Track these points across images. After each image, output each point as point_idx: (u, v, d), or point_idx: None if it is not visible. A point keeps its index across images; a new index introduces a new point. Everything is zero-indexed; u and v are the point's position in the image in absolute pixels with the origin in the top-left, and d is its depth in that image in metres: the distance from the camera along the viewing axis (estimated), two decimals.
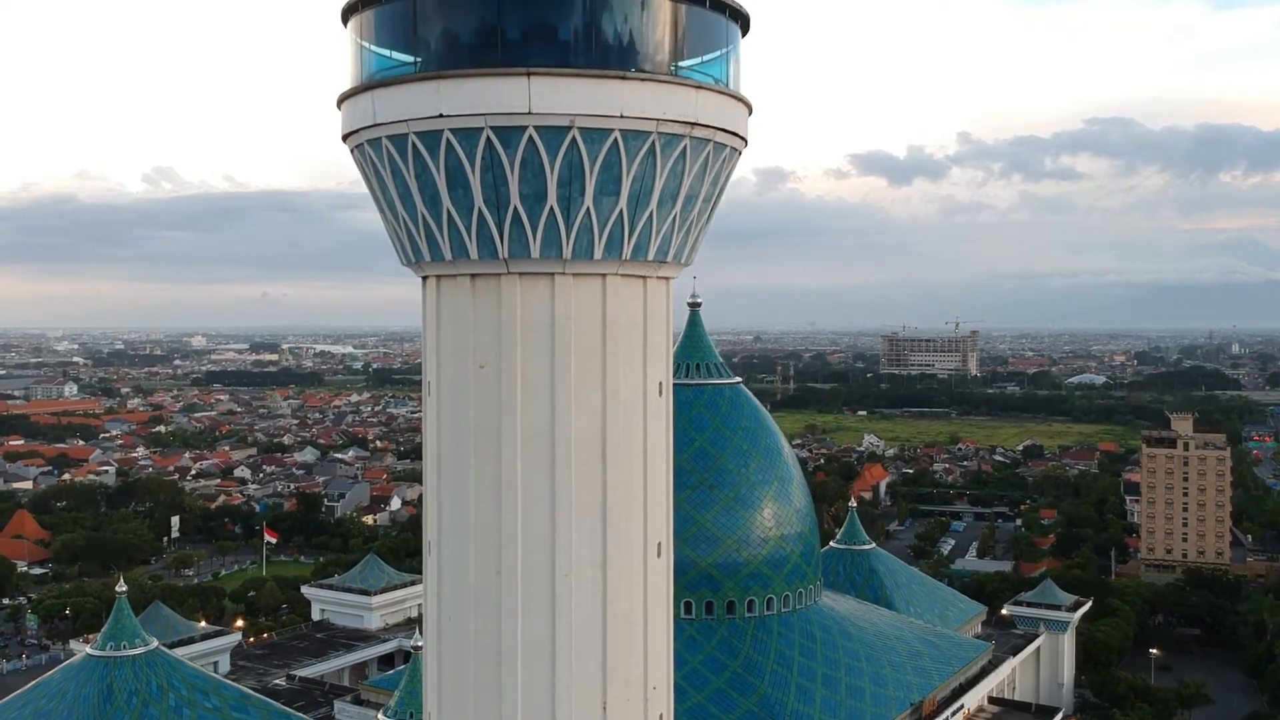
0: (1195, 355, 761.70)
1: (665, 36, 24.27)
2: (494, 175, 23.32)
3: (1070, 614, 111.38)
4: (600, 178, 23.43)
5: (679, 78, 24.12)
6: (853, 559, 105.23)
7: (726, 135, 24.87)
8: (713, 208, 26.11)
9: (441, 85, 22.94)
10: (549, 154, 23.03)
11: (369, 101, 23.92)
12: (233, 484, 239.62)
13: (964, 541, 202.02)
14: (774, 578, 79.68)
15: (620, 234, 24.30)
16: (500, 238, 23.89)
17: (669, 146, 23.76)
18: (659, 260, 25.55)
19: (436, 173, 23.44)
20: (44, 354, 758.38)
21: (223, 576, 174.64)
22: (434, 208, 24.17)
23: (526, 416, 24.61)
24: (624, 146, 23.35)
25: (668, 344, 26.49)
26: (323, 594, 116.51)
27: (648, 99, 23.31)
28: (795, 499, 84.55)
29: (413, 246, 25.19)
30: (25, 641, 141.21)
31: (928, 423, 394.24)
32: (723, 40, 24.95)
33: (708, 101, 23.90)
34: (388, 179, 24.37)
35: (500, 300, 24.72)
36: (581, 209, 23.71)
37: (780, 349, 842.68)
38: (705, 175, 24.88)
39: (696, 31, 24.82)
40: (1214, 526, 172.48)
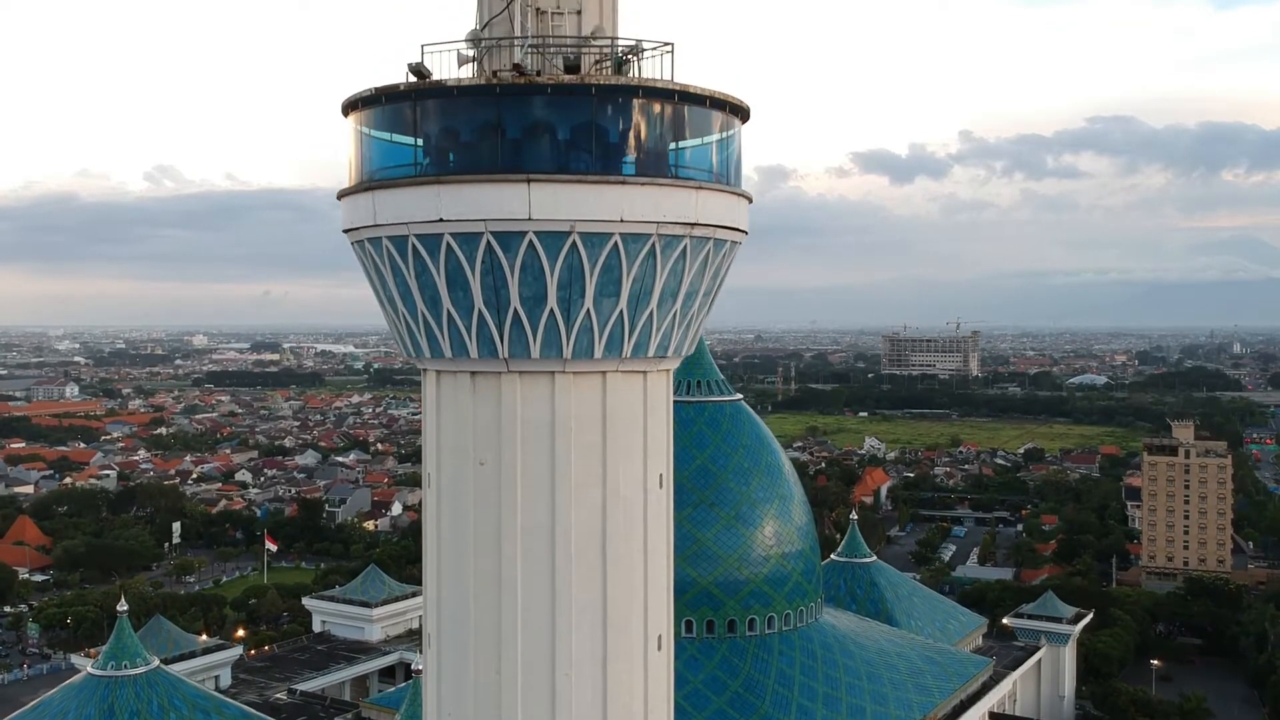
0: (1196, 355, 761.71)
1: (666, 132, 24.19)
2: (494, 278, 23.40)
3: (1071, 626, 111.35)
4: (600, 280, 23.50)
5: (679, 179, 24.09)
6: (854, 572, 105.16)
7: (727, 231, 24.89)
8: (713, 300, 26.12)
9: (441, 190, 22.99)
10: (549, 258, 23.12)
11: (369, 202, 23.92)
12: (234, 488, 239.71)
13: (965, 547, 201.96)
14: (775, 596, 79.58)
15: (620, 334, 24.32)
16: (500, 338, 23.91)
17: (669, 247, 23.75)
18: (659, 356, 25.54)
19: (437, 274, 23.45)
20: (45, 353, 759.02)
21: (224, 583, 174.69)
22: (434, 308, 24.23)
23: (527, 513, 24.54)
24: (624, 249, 23.42)
25: (668, 435, 26.43)
26: (324, 606, 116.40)
27: (648, 202, 23.36)
28: (796, 516, 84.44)
29: (413, 343, 25.18)
30: (26, 651, 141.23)
31: (929, 424, 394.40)
32: (723, 128, 24.90)
33: (708, 201, 23.88)
34: (388, 277, 24.37)
35: (500, 397, 24.70)
36: (581, 310, 23.77)
37: (781, 349, 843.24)
38: (705, 271, 24.88)
39: (697, 124, 24.81)
40: (1215, 534, 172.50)
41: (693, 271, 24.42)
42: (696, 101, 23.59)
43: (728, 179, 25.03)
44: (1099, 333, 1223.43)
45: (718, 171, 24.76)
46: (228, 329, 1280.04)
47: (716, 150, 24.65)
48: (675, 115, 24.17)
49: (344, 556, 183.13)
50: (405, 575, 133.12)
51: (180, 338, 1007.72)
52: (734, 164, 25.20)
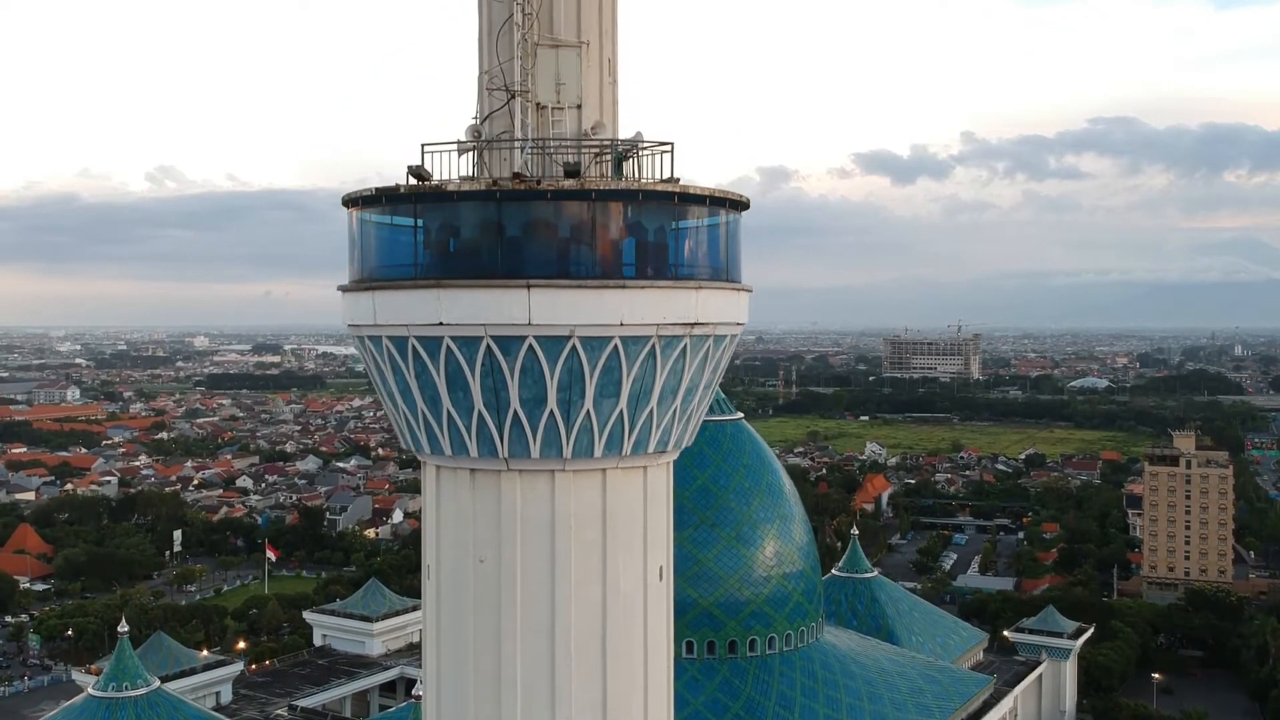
0: (1198, 357, 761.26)
1: (666, 228, 24.21)
2: (494, 380, 23.43)
3: (1072, 641, 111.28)
4: (600, 381, 23.52)
5: (679, 280, 24.14)
6: (855, 587, 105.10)
7: (727, 326, 24.94)
8: (714, 391, 26.08)
9: (442, 293, 23.07)
10: (549, 361, 23.17)
11: (369, 301, 23.98)
12: (235, 495, 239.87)
13: (966, 555, 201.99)
14: (776, 617, 79.52)
15: (620, 433, 24.33)
16: (500, 439, 23.93)
17: (669, 347, 23.78)
18: (659, 451, 25.53)
19: (437, 375, 23.45)
20: (47, 355, 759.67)
21: (225, 593, 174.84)
22: (434, 407, 24.25)
23: (526, 611, 24.50)
24: (624, 352, 23.46)
25: (669, 526, 26.40)
26: (325, 619, 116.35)
27: (648, 305, 23.45)
28: (797, 536, 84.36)
29: (413, 438, 25.21)
30: (28, 662, 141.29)
31: (929, 428, 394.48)
32: (723, 219, 24.91)
33: (708, 300, 23.94)
34: (388, 374, 24.41)
35: (500, 495, 24.71)
36: (581, 411, 23.78)
37: (782, 350, 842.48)
38: (705, 366, 24.91)
39: (697, 217, 24.75)
40: (1216, 545, 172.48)
41: (693, 368, 24.45)
42: (696, 202, 23.68)
43: (727, 271, 25.05)
44: (1100, 334, 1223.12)
45: (717, 263, 24.77)
46: (229, 329, 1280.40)
47: (716, 241, 24.66)
48: (676, 213, 24.14)
49: (345, 565, 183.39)
50: (406, 585, 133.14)
51: (181, 339, 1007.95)
52: (734, 254, 25.22)
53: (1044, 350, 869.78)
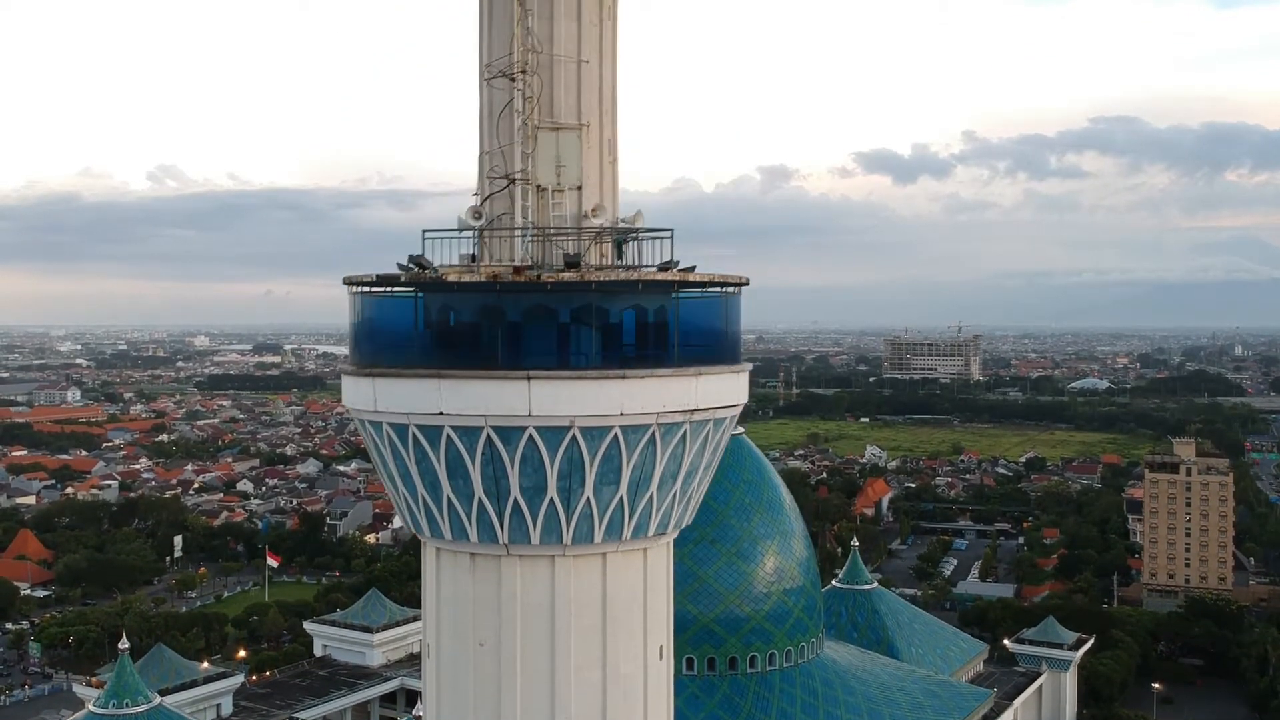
0: (1198, 357, 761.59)
1: (666, 310, 24.06)
2: (494, 468, 23.48)
3: (1072, 653, 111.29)
4: (600, 469, 23.56)
5: (679, 367, 24.14)
6: (855, 599, 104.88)
7: (727, 408, 25.01)
8: (714, 470, 26.17)
9: (442, 383, 23.09)
10: (549, 451, 23.21)
11: (370, 387, 24.05)
12: (235, 499, 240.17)
13: (966, 561, 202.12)
14: (776, 633, 79.50)
15: (621, 518, 24.36)
16: (500, 525, 23.97)
17: (669, 433, 23.85)
18: (659, 534, 25.56)
19: (437, 462, 23.51)
20: (47, 355, 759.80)
21: (225, 599, 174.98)
22: (434, 492, 24.26)
23: (526, 695, 24.46)
24: (624, 440, 23.50)
25: (669, 606, 26.43)
26: (325, 630, 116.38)
27: (648, 394, 23.46)
28: (797, 551, 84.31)
29: (413, 521, 25.30)
30: (28, 670, 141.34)
31: (930, 430, 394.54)
32: (723, 298, 24.94)
33: (708, 385, 24.00)
34: (388, 458, 24.49)
35: (500, 579, 24.73)
36: (581, 499, 23.82)
37: (783, 350, 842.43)
38: (705, 449, 24.97)
39: (696, 298, 24.67)
40: (1216, 552, 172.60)
41: (693, 452, 24.51)
42: (695, 287, 23.70)
43: (727, 352, 25.09)
44: (1101, 333, 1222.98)
45: (717, 346, 24.81)
46: (230, 329, 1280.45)
47: (716, 322, 24.72)
48: (675, 297, 23.95)
49: (345, 571, 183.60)
50: (406, 593, 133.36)
51: (182, 338, 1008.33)
52: (734, 333, 25.28)
53: (1044, 350, 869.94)
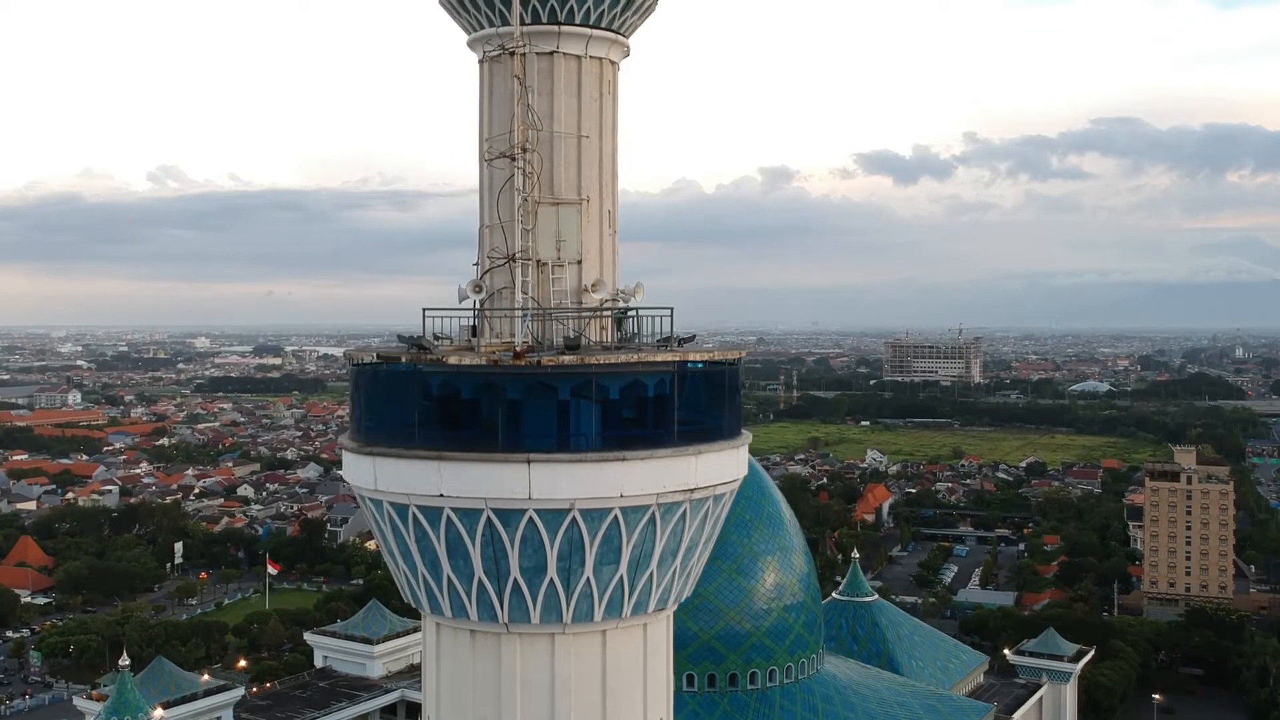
0: (1199, 359, 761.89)
1: (666, 387, 23.97)
2: (494, 549, 23.49)
3: (1073, 665, 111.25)
4: (600, 550, 23.58)
5: (678, 447, 24.11)
6: (855, 611, 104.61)
7: (727, 484, 25.00)
8: (714, 543, 26.20)
9: (443, 466, 23.09)
10: (549, 532, 23.23)
11: (370, 466, 24.09)
12: (236, 504, 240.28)
13: (967, 568, 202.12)
14: (776, 649, 79.45)
15: (621, 597, 24.38)
16: (500, 605, 23.98)
17: (669, 513, 23.86)
18: (660, 609, 25.54)
19: (437, 542, 23.53)
20: (48, 356, 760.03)
21: (225, 606, 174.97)
22: (434, 570, 24.22)
23: None
24: (624, 521, 23.50)
25: (668, 676, 26.43)
26: (325, 641, 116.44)
27: (648, 475, 23.45)
28: (797, 567, 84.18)
29: (413, 596, 25.32)
30: (29, 679, 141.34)
31: (931, 434, 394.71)
32: (723, 373, 24.95)
33: (708, 463, 24.01)
34: (388, 535, 24.53)
35: (500, 657, 24.69)
36: (581, 579, 23.85)
37: (784, 352, 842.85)
38: (705, 525, 24.99)
39: (696, 375, 24.70)
40: (1217, 560, 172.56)
41: (692, 529, 24.52)
42: (695, 367, 23.70)
43: (727, 427, 25.08)
44: (1102, 334, 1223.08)
45: (717, 422, 24.80)
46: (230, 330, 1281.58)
47: (717, 398, 24.70)
48: (674, 376, 23.92)
49: (345, 578, 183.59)
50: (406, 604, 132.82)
51: (183, 339, 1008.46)
52: (734, 407, 25.27)
53: (1045, 352, 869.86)
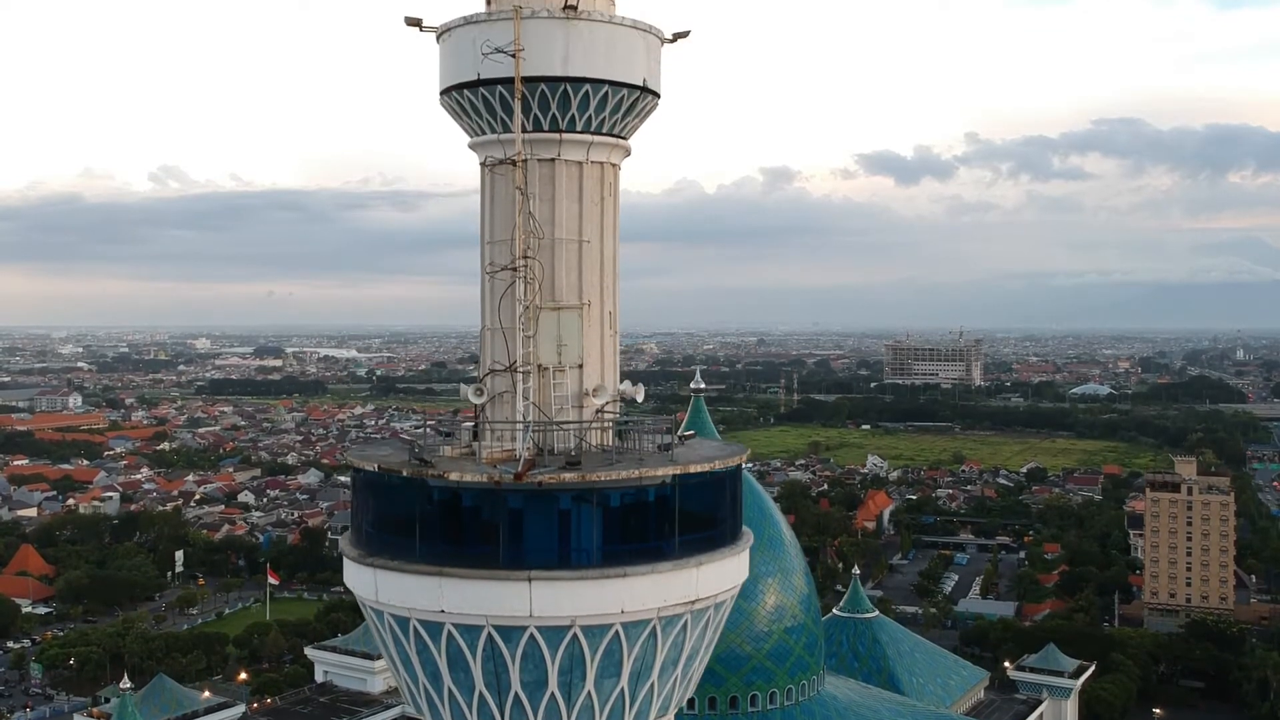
0: (1199, 361, 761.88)
1: (667, 497, 23.77)
2: (495, 664, 23.47)
3: (1073, 681, 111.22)
4: (601, 664, 23.56)
5: (680, 559, 24.01)
6: (856, 628, 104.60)
7: (728, 591, 24.97)
8: (715, 646, 26.18)
9: (444, 582, 23.04)
10: (550, 648, 23.22)
11: (371, 578, 24.09)
12: (236, 510, 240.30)
13: (967, 576, 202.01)
14: (777, 671, 79.44)
15: (621, 708, 24.31)
16: (501, 717, 23.88)
17: (670, 625, 23.84)
18: (661, 716, 25.50)
19: (438, 655, 23.52)
20: (48, 357, 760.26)
21: (226, 616, 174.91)
22: (435, 681, 24.18)
23: None
24: (625, 636, 23.49)
25: None
26: (326, 656, 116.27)
27: (649, 590, 23.41)
28: (798, 588, 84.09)
29: (414, 703, 25.34)
30: (30, 691, 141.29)
31: (931, 438, 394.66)
32: (725, 478, 24.91)
33: (710, 573, 23.96)
34: (390, 644, 24.55)
35: None
36: (583, 692, 23.81)
37: (784, 353, 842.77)
38: (706, 632, 24.96)
39: (698, 484, 24.54)
40: (1217, 571, 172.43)
41: (694, 638, 24.51)
42: (696, 476, 23.63)
43: (729, 534, 25.02)
44: (1103, 335, 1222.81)
45: (719, 529, 24.75)
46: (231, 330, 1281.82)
47: (719, 503, 24.64)
48: (675, 486, 23.89)
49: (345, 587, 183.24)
50: None
51: (184, 340, 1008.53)
52: (736, 510, 25.23)
53: (1046, 354, 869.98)
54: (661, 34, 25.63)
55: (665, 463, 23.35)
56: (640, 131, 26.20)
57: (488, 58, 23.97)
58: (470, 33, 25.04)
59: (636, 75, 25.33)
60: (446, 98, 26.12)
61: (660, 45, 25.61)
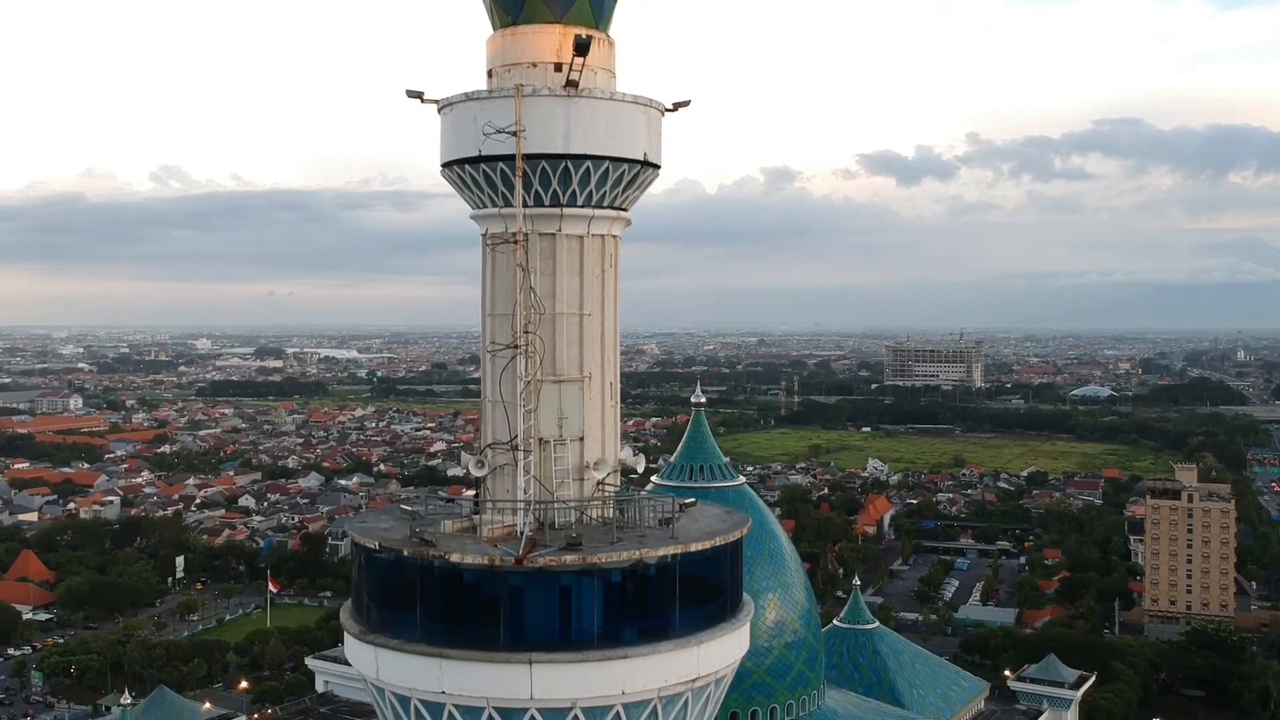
0: (1200, 362, 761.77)
1: (669, 574, 23.70)
2: None
3: (1074, 691, 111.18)
4: None
5: (681, 638, 23.85)
6: (856, 639, 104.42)
7: (729, 666, 24.94)
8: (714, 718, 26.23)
9: (444, 663, 23.04)
10: None
11: (372, 656, 24.07)
12: (237, 515, 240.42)
13: (968, 582, 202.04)
14: (778, 687, 79.37)
15: None
16: None
17: (670, 704, 23.90)
18: None
19: None
20: (49, 358, 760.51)
21: (227, 622, 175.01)
22: None
23: None
24: (625, 716, 23.46)
25: None
26: (326, 666, 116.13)
27: (650, 671, 23.32)
28: (799, 602, 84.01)
29: None
30: (30, 699, 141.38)
31: (931, 440, 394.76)
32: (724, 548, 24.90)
33: (710, 651, 23.94)
34: (389, 716, 24.43)
35: None
36: None
37: (785, 354, 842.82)
38: (707, 707, 24.95)
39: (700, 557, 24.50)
40: (1218, 579, 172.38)
41: (694, 713, 24.52)
42: (696, 556, 23.61)
43: (730, 606, 24.99)
44: (1103, 335, 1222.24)
45: (720, 603, 24.74)
46: (232, 330, 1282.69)
47: (721, 574, 24.61)
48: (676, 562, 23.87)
49: (347, 593, 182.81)
50: None
51: (184, 340, 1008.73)
52: (737, 578, 25.22)
53: (1046, 354, 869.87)
54: (662, 105, 25.69)
55: (667, 541, 23.28)
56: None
57: (490, 137, 24.02)
58: (472, 109, 25.04)
59: (637, 150, 25.35)
60: (448, 170, 26.13)
61: (661, 117, 25.70)
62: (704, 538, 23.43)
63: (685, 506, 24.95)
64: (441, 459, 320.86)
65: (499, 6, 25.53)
